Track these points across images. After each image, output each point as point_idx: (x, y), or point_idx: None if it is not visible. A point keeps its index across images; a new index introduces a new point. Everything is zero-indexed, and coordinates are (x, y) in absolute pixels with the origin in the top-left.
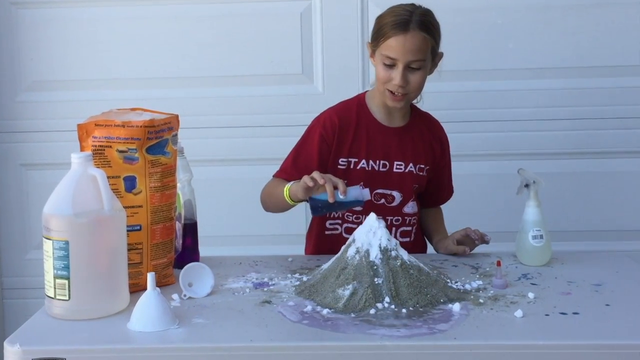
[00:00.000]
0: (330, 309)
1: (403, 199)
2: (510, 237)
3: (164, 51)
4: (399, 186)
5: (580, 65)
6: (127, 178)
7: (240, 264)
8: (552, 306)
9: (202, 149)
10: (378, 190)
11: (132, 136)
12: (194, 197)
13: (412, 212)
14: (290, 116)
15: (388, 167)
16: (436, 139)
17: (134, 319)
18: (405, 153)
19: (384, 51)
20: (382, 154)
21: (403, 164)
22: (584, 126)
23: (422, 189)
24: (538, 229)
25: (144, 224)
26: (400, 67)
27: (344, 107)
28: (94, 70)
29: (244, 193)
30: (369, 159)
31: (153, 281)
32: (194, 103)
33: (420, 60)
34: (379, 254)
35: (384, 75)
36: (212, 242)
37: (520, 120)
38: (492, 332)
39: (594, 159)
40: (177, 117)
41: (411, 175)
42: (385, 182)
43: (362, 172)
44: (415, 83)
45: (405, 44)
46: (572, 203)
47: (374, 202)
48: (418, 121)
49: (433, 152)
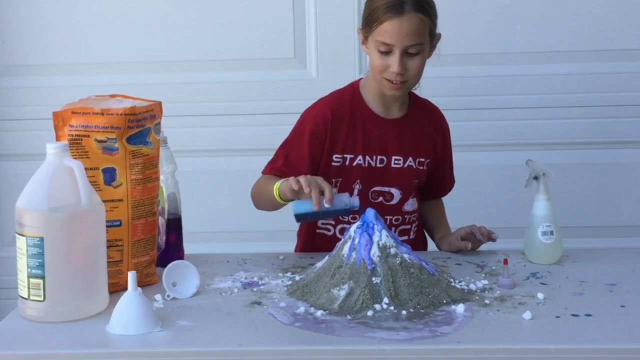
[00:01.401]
0: (324, 311)
1: (403, 196)
2: (518, 233)
3: (147, 33)
4: (398, 183)
5: (592, 49)
6: (107, 170)
7: (228, 262)
8: (563, 307)
9: (187, 139)
10: (375, 188)
11: (112, 125)
12: (179, 191)
13: (412, 210)
14: (282, 103)
15: (386, 162)
16: (437, 129)
17: (113, 321)
18: (404, 147)
19: (378, 37)
20: (380, 148)
21: (402, 159)
22: (597, 114)
23: (422, 182)
24: (548, 225)
25: (125, 219)
26: (397, 53)
27: (336, 98)
28: (70, 54)
29: (232, 186)
30: (365, 155)
31: (134, 281)
32: (178, 89)
33: (419, 44)
34: (377, 251)
35: (380, 63)
36: (197, 239)
37: (528, 108)
38: (498, 335)
39: (608, 149)
40: (160, 105)
41: (411, 170)
42: (383, 178)
43: (359, 169)
44: (415, 69)
45: (402, 28)
46: (585, 196)
47: (371, 201)
48: (417, 110)
49: (434, 143)
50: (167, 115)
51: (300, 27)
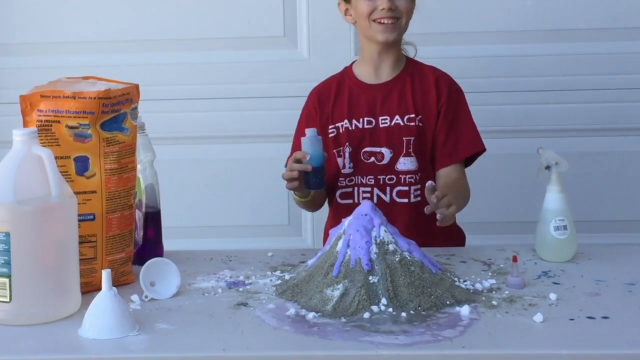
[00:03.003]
0: (317, 313)
1: (393, 154)
2: (528, 228)
3: (122, 10)
4: (387, 142)
5: (610, 27)
6: (79, 159)
7: (212, 260)
8: (578, 309)
9: (166, 125)
10: (366, 149)
11: (84, 109)
12: (157, 181)
13: (408, 170)
14: (271, 86)
15: (374, 123)
16: (431, 84)
17: (86, 324)
18: (390, 106)
19: None
20: (366, 111)
21: (388, 118)
22: (615, 98)
23: (427, 141)
24: (561, 219)
25: (99, 212)
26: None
27: (324, 81)
28: (39, 32)
29: (216, 176)
30: (351, 119)
31: (109, 280)
32: (157, 70)
33: None
34: (374, 247)
35: (366, 5)
36: (178, 234)
37: (539, 91)
38: (507, 339)
39: (626, 136)
40: (137, 87)
41: (399, 127)
42: (373, 139)
43: (346, 133)
44: (404, 6)
45: None
46: (601, 188)
47: (363, 161)
48: (411, 71)
49: (426, 98)
50: (145, 99)
51: (291, 3)
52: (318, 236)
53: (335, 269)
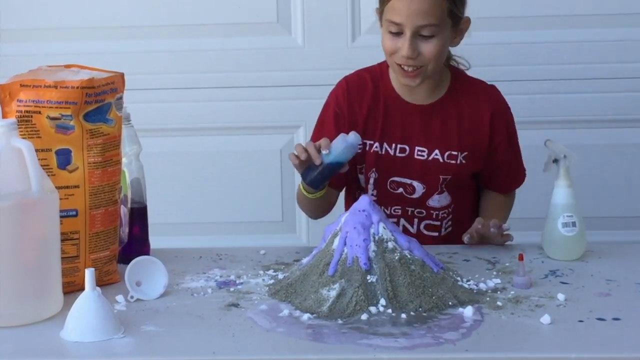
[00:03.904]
0: (312, 314)
1: (426, 190)
2: (535, 224)
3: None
4: (420, 176)
5: (623, 12)
6: (61, 151)
7: (201, 258)
8: (588, 310)
9: (153, 116)
10: (395, 178)
11: (67, 99)
12: (143, 176)
13: (441, 206)
14: (263, 75)
15: (408, 152)
16: (484, 118)
17: (68, 326)
18: (430, 137)
19: (388, 15)
20: (401, 136)
21: (426, 150)
22: (626, 87)
23: (461, 178)
24: (570, 215)
25: (81, 208)
26: (407, 34)
27: (358, 74)
28: (18, 18)
29: (205, 170)
30: (383, 142)
31: (92, 279)
32: (143, 58)
33: (433, 26)
34: (372, 245)
35: (389, 45)
36: (165, 231)
37: (547, 80)
38: (512, 342)
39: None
40: (122, 76)
41: (437, 164)
42: (404, 169)
43: (374, 156)
44: (430, 53)
45: (411, 5)
46: (612, 183)
47: (389, 191)
48: (456, 95)
49: (476, 134)
50: (130, 88)
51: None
52: (313, 233)
53: (332, 268)
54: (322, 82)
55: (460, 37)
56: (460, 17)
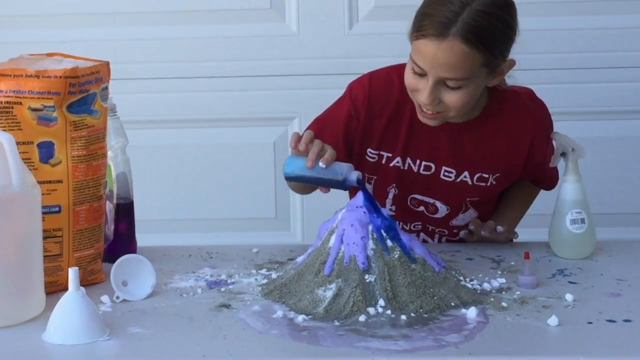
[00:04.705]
0: (307, 315)
1: (450, 212)
2: (542, 221)
3: None
4: (445, 197)
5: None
6: (43, 144)
7: (190, 257)
8: (597, 312)
9: (140, 107)
10: (416, 196)
11: (49, 90)
12: (130, 170)
13: (465, 224)
14: (255, 64)
15: (433, 170)
16: (523, 137)
17: (51, 328)
18: (459, 157)
19: (413, 54)
20: (427, 153)
21: (454, 172)
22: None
23: (487, 199)
24: (578, 211)
25: (65, 204)
26: (430, 82)
27: (387, 74)
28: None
29: (195, 164)
30: (406, 156)
31: (76, 279)
32: (130, 46)
33: (460, 80)
34: (371, 243)
35: (410, 82)
36: (153, 228)
37: (553, 69)
38: (518, 345)
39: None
40: (107, 65)
41: (464, 186)
42: (427, 188)
43: (395, 171)
44: (453, 103)
45: (438, 55)
46: (623, 177)
47: (410, 208)
48: (491, 114)
49: (512, 157)
50: (116, 78)
51: None
52: (308, 231)
53: (328, 267)
54: (317, 72)
55: (501, 77)
56: (499, 64)
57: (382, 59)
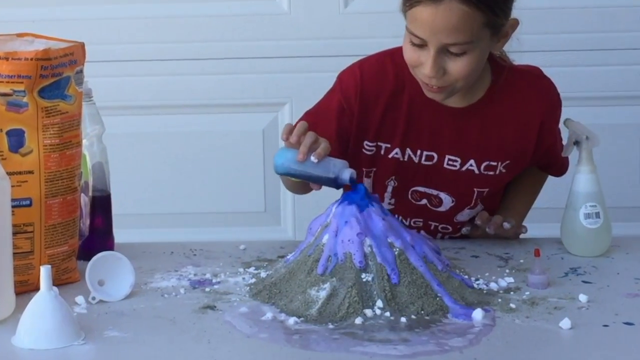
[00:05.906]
0: (299, 318)
1: (455, 204)
2: (554, 215)
3: None
4: (450, 187)
5: None
6: (12, 132)
7: (172, 254)
8: (613, 314)
9: (118, 91)
10: (418, 188)
11: (19, 73)
12: (107, 160)
13: (471, 220)
14: (243, 45)
15: (436, 160)
16: (532, 118)
17: (21, 331)
18: (464, 144)
19: (409, 24)
20: (428, 142)
21: (459, 160)
22: None
23: (495, 189)
24: (593, 205)
25: (36, 196)
26: (432, 51)
27: (379, 61)
28: None
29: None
30: (405, 147)
31: (49, 278)
32: (106, 26)
33: (463, 44)
34: (367, 239)
35: (410, 57)
36: (132, 223)
37: (565, 51)
38: (527, 350)
39: None
40: (82, 46)
41: (470, 175)
42: (430, 179)
43: (394, 163)
44: (459, 73)
45: (436, 20)
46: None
47: (411, 201)
48: (496, 95)
49: (522, 139)
50: (92, 60)
51: None
52: (300, 225)
53: (321, 266)
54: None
55: (506, 40)
56: (502, 24)
57: (381, 40)
